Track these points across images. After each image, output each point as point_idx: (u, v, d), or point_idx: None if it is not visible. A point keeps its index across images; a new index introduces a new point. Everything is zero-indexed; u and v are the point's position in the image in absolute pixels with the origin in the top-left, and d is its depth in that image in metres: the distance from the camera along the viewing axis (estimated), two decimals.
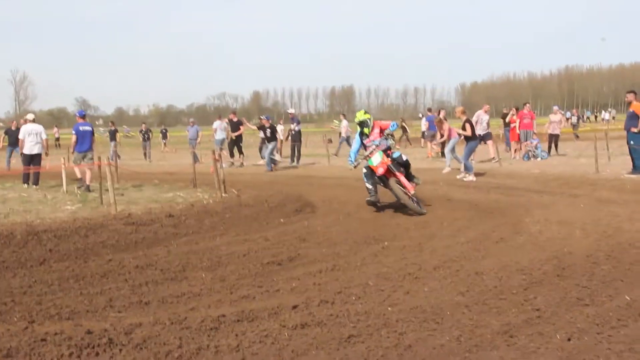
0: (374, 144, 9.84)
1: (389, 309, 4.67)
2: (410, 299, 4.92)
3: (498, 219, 8.55)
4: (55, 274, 6.03)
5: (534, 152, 18.50)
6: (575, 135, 28.93)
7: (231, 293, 5.30)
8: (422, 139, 26.98)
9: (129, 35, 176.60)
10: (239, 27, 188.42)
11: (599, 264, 5.81)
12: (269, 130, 18.65)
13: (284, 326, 4.31)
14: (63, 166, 13.17)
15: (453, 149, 15.62)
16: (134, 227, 8.24)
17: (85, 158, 13.16)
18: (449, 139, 15.81)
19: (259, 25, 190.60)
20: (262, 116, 20.77)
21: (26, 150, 13.57)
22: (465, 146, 14.10)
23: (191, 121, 27.20)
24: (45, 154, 14.17)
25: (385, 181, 9.64)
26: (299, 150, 21.01)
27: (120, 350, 3.91)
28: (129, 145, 34.63)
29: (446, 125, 16.35)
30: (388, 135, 9.95)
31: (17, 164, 16.27)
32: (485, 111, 18.86)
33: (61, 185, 12.91)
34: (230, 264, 6.45)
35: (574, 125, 31.88)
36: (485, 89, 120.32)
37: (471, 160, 14.48)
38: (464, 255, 6.39)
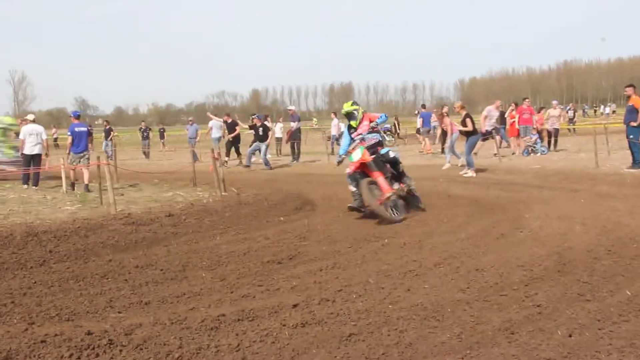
0: (358, 139, 8.98)
1: (390, 306, 4.66)
2: (411, 297, 4.92)
3: (498, 215, 8.54)
4: (55, 275, 6.02)
5: (534, 148, 18.47)
6: (572, 129, 28.95)
7: (231, 292, 5.29)
8: (418, 135, 26.98)
9: (128, 34, 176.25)
10: (238, 27, 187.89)
11: (599, 259, 5.81)
12: (260, 130, 18.64)
13: (285, 325, 4.30)
14: (62, 167, 13.16)
15: (453, 146, 15.62)
16: (134, 227, 8.24)
17: (82, 159, 13.15)
18: (451, 133, 15.82)
19: (258, 24, 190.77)
20: (253, 115, 20.66)
21: (26, 151, 13.55)
22: (466, 142, 14.08)
23: (190, 120, 27.11)
24: (46, 155, 14.16)
25: (359, 180, 8.74)
26: (298, 148, 20.99)
27: (121, 351, 3.91)
28: (128, 145, 34.59)
29: (447, 120, 16.32)
30: (387, 132, 9.77)
31: None
32: (497, 107, 18.66)
33: (61, 185, 12.91)
34: (231, 263, 6.44)
35: (571, 120, 31.89)
36: (484, 85, 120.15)
37: (475, 153, 14.45)
38: (464, 252, 6.38)
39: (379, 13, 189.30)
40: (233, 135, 20.11)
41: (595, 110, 64.63)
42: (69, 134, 13.31)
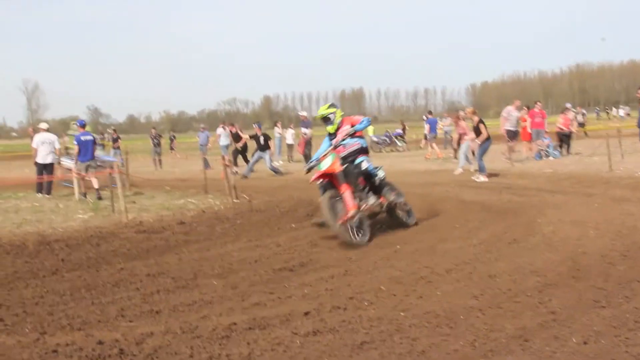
0: (336, 145, 8.02)
1: (402, 314, 4.62)
2: (423, 304, 4.87)
3: (510, 220, 8.46)
4: (67, 284, 6.04)
5: (546, 152, 18.34)
6: (584, 133, 28.76)
7: (243, 300, 5.27)
8: (425, 140, 26.98)
9: (141, 43, 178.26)
10: (248, 33, 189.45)
11: (614, 264, 5.73)
12: (261, 139, 18.64)
13: (296, 333, 4.27)
14: (75, 174, 13.26)
15: (466, 151, 15.56)
16: (146, 235, 8.27)
17: (89, 168, 13.24)
18: (465, 136, 15.80)
19: (268, 30, 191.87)
20: (254, 124, 20.68)
21: (39, 159, 13.68)
22: (479, 147, 14.00)
23: (202, 127, 27.19)
24: (58, 164, 14.28)
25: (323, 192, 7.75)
26: (310, 154, 20.98)
27: None
28: (140, 153, 34.75)
29: (463, 124, 16.25)
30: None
31: None
32: (516, 107, 18.37)
33: (73, 194, 13.00)
34: (242, 270, 6.43)
35: (581, 124, 31.71)
36: (496, 89, 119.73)
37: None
38: (476, 258, 6.32)
39: (386, 15, 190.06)
40: (240, 144, 20.17)
41: (607, 113, 64.10)
42: (75, 143, 13.43)
